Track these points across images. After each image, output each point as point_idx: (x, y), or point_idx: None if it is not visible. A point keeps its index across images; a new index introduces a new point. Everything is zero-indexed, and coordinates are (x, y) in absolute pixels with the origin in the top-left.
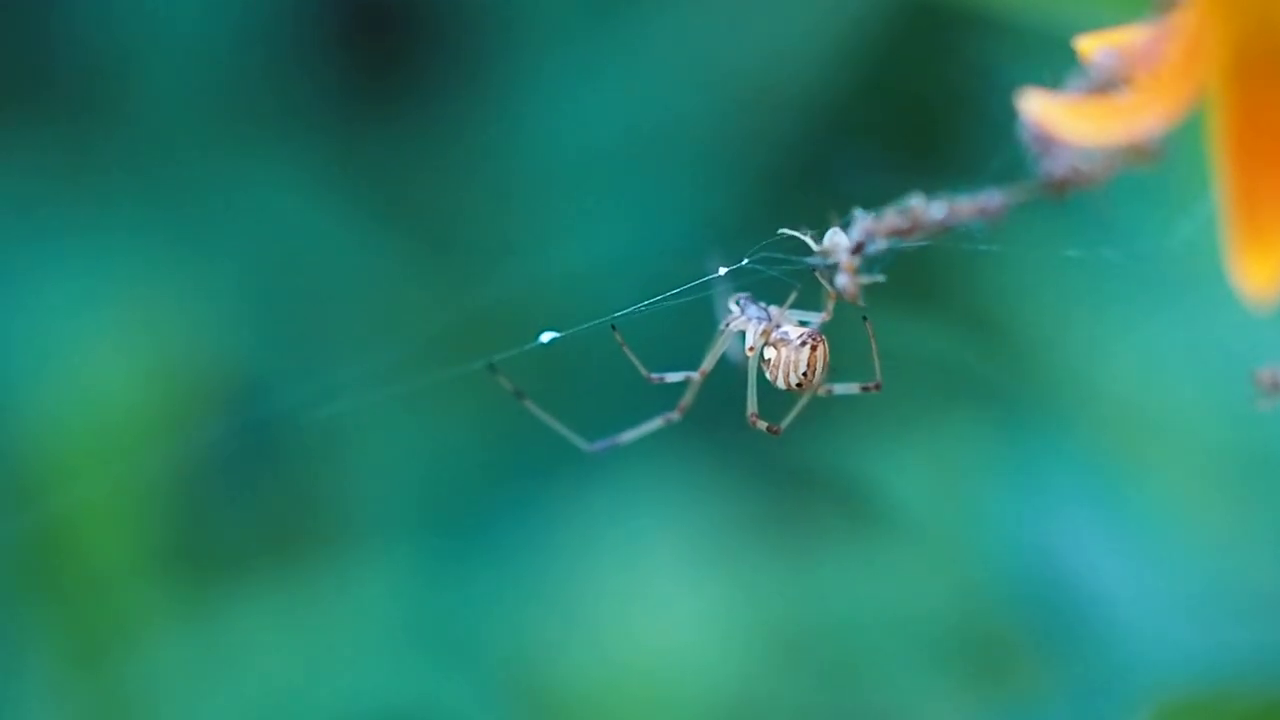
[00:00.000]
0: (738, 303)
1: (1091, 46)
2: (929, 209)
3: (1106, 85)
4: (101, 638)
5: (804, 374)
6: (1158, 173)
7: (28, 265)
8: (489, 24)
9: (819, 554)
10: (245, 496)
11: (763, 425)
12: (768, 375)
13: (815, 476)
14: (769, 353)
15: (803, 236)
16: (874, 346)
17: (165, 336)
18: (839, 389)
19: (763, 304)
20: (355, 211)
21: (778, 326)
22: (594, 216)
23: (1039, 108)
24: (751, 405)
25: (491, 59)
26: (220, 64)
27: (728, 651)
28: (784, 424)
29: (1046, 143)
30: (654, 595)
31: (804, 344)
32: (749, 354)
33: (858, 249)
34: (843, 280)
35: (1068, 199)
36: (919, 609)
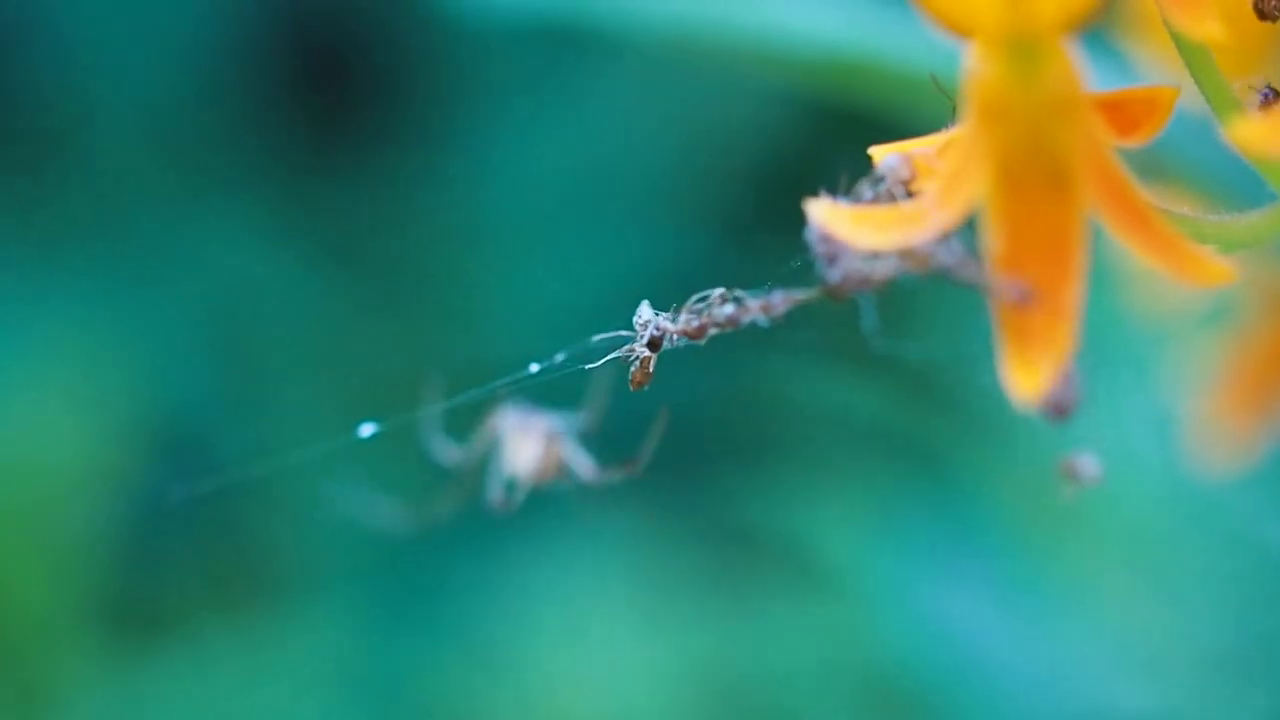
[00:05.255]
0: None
1: (881, 155)
2: (719, 309)
3: (891, 194)
4: (34, 690)
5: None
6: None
7: None
8: (441, 76)
9: (753, 609)
10: (187, 548)
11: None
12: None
13: (752, 534)
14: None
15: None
16: (654, 438)
17: (107, 387)
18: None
19: (538, 413)
20: (304, 261)
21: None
22: (541, 265)
23: (823, 215)
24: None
25: (442, 111)
26: (172, 116)
27: (664, 702)
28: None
29: (831, 246)
30: (593, 648)
31: (536, 441)
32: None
33: (654, 345)
34: (632, 372)
35: (848, 300)
36: (845, 662)
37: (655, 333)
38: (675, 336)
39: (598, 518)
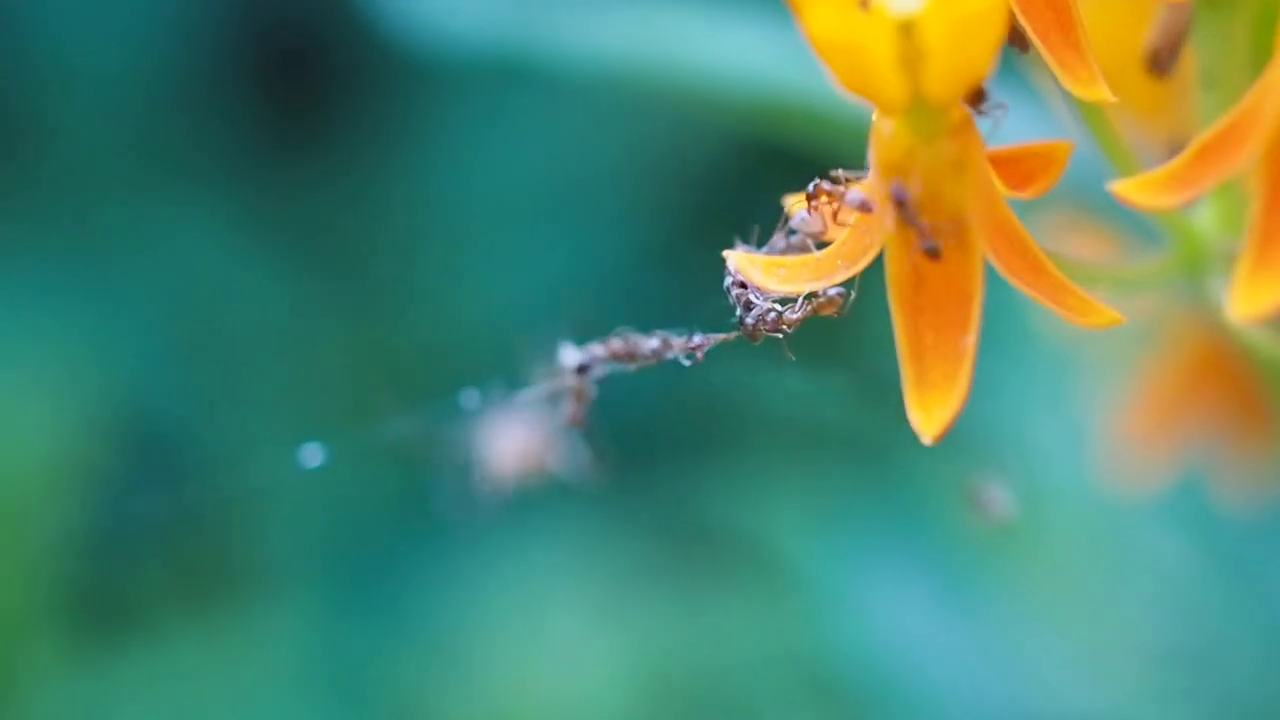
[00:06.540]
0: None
1: (796, 205)
2: (645, 341)
3: (804, 243)
4: (2, 684)
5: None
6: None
7: None
8: (406, 72)
9: (706, 602)
10: (154, 546)
11: None
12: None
13: (706, 530)
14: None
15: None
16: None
17: (76, 384)
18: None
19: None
20: (271, 256)
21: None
22: (503, 262)
23: (738, 262)
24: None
25: (407, 107)
26: (137, 111)
27: (617, 692)
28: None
29: (746, 292)
30: (551, 644)
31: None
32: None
33: (582, 370)
34: (568, 408)
35: (761, 341)
36: (794, 655)
37: (585, 359)
38: (604, 361)
39: (555, 513)
